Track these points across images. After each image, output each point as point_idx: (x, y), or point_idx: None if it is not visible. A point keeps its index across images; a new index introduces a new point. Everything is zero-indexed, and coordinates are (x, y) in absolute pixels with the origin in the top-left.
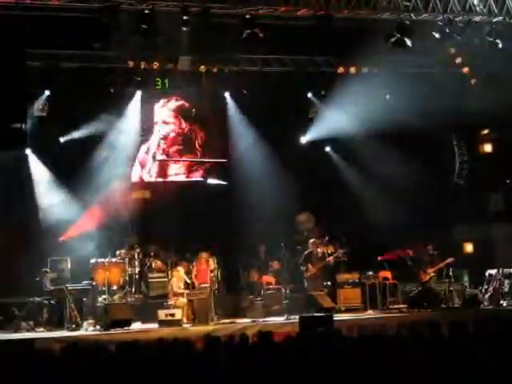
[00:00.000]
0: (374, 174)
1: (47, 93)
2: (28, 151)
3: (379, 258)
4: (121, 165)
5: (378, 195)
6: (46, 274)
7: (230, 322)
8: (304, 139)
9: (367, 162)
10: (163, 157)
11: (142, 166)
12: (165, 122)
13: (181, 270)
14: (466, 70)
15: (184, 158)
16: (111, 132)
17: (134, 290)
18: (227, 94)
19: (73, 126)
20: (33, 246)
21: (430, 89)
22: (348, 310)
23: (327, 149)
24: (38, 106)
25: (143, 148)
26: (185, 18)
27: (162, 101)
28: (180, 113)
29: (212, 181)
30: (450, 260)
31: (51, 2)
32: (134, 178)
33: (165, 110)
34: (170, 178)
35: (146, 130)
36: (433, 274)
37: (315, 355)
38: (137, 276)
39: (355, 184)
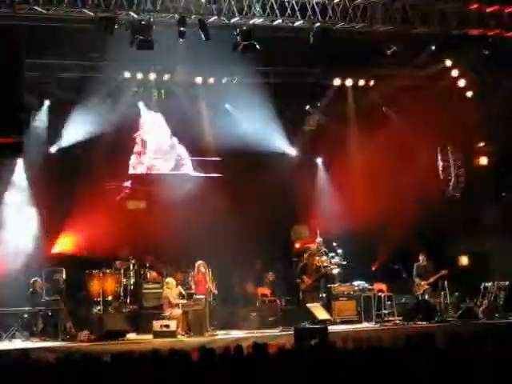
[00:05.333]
0: (370, 185)
1: (47, 103)
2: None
3: (373, 268)
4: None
5: (374, 207)
6: (36, 282)
7: (225, 334)
8: (298, 151)
9: (363, 173)
10: (154, 156)
11: (134, 168)
12: (153, 130)
13: (172, 281)
14: (462, 82)
15: (175, 157)
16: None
17: (128, 300)
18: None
19: (68, 136)
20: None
21: (426, 101)
22: (343, 322)
23: (318, 160)
24: (35, 117)
25: (134, 156)
26: (182, 29)
27: (149, 114)
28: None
29: (195, 173)
30: (443, 272)
31: (48, 12)
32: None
33: (150, 120)
34: (161, 171)
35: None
36: (426, 287)
37: (310, 367)
38: (132, 287)
39: (351, 196)
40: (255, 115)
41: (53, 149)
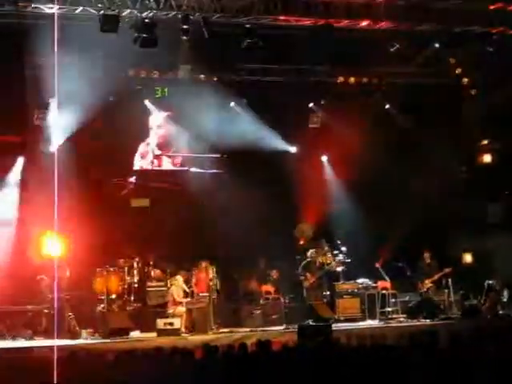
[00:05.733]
0: (373, 184)
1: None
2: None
3: (377, 265)
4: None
5: (377, 204)
6: (42, 281)
7: (229, 332)
8: (302, 149)
9: (368, 172)
10: (159, 152)
11: (143, 157)
12: (158, 126)
13: (179, 278)
14: (465, 80)
15: (180, 154)
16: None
17: (132, 298)
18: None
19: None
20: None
21: (430, 99)
22: (347, 320)
23: (323, 158)
24: (39, 115)
25: (142, 145)
26: (185, 26)
27: (154, 113)
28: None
29: (198, 170)
30: (447, 270)
31: (52, 10)
32: (136, 167)
33: (157, 117)
34: (164, 167)
35: (144, 132)
36: (430, 285)
37: (313, 364)
38: (136, 285)
39: (355, 194)
40: (258, 113)
41: (55, 147)
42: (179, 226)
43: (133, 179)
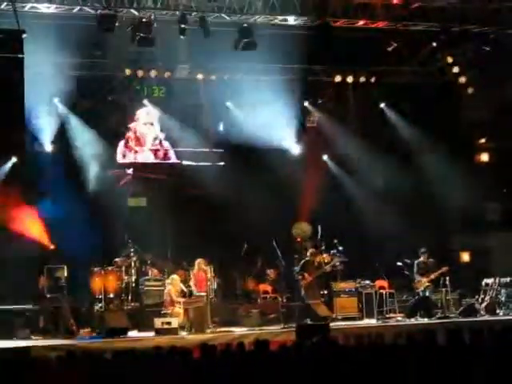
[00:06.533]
0: (371, 183)
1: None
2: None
3: (376, 264)
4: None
5: (375, 204)
6: (40, 280)
7: (227, 331)
8: (299, 148)
9: (365, 171)
10: (142, 147)
11: (123, 156)
12: (144, 124)
13: (177, 278)
14: (462, 79)
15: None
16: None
17: (130, 298)
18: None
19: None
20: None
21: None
22: (345, 319)
23: (324, 157)
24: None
25: (123, 141)
26: (182, 26)
27: (145, 108)
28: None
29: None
30: (444, 269)
31: (49, 9)
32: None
33: (145, 115)
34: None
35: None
36: (427, 284)
37: (311, 364)
38: (133, 284)
39: (352, 193)
40: (256, 112)
41: (55, 146)
42: (176, 225)
43: (130, 171)
